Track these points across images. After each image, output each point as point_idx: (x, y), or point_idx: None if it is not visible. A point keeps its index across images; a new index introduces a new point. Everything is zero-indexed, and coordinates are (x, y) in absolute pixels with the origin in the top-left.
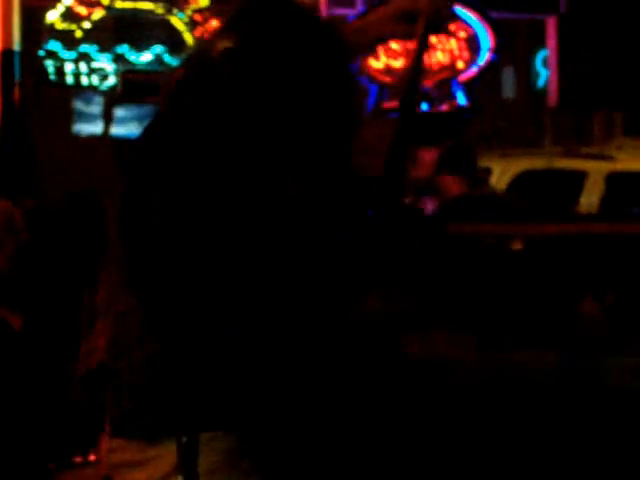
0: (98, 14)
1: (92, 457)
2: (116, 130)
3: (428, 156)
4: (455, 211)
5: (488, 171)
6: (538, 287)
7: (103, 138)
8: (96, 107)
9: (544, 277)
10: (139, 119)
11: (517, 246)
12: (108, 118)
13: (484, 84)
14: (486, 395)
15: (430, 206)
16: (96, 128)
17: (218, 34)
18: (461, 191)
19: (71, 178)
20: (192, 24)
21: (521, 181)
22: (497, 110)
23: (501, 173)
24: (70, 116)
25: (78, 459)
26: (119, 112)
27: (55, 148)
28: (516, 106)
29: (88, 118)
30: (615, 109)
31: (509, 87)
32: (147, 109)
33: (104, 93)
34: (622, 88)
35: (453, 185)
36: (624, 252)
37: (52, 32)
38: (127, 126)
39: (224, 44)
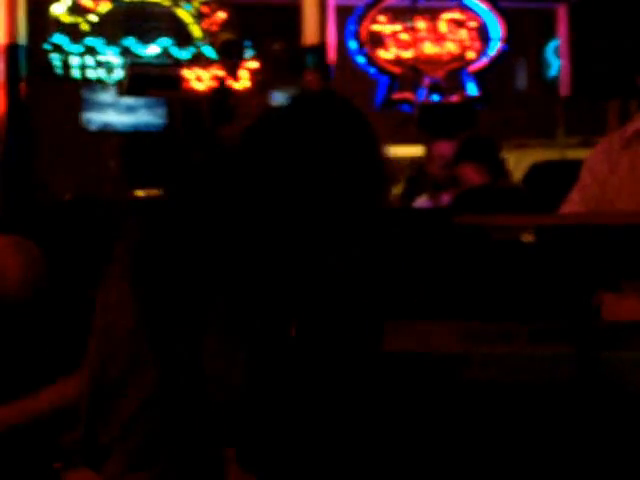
0: (104, 7)
1: None
2: (125, 121)
3: (441, 149)
4: (468, 203)
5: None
6: (551, 279)
7: (111, 132)
8: (104, 100)
9: (557, 269)
10: (147, 109)
11: (528, 238)
12: (116, 111)
13: (495, 74)
14: (501, 389)
15: (447, 201)
16: (104, 122)
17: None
18: (482, 181)
19: (79, 173)
20: (199, 16)
21: (535, 172)
22: (509, 101)
23: (514, 164)
24: (77, 110)
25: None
26: (127, 103)
27: (62, 142)
28: (528, 96)
29: (96, 112)
30: (630, 98)
31: (521, 77)
32: (155, 100)
33: (111, 86)
34: (637, 76)
35: (474, 175)
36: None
37: (58, 25)
38: (136, 116)
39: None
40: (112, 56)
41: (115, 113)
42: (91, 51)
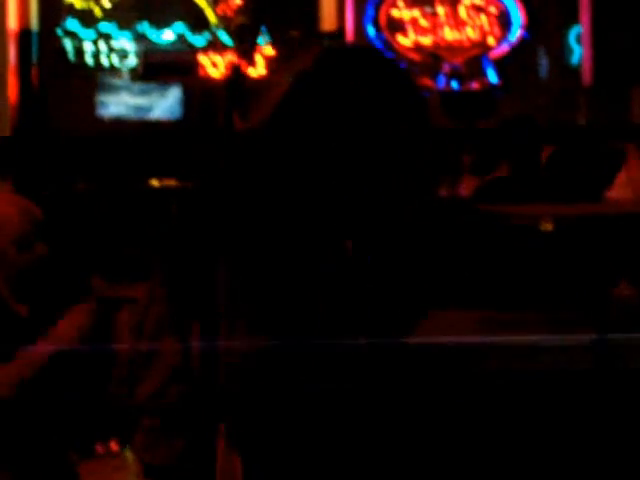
0: None
1: (114, 447)
2: (140, 108)
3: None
4: (490, 192)
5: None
6: (571, 270)
7: (126, 119)
8: (118, 86)
9: (577, 260)
10: (162, 95)
11: (547, 227)
12: (131, 98)
13: (516, 61)
14: (519, 380)
15: (467, 186)
16: (119, 110)
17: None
18: (506, 167)
19: (93, 161)
20: (214, 1)
21: (556, 161)
22: (530, 88)
23: None
24: (91, 97)
25: (100, 449)
26: (142, 89)
27: (76, 130)
28: (549, 84)
29: (110, 99)
30: None
31: (542, 64)
32: (169, 87)
33: (125, 72)
34: None
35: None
36: None
37: (71, 11)
38: (151, 103)
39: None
40: (126, 42)
41: (130, 100)
42: (105, 37)
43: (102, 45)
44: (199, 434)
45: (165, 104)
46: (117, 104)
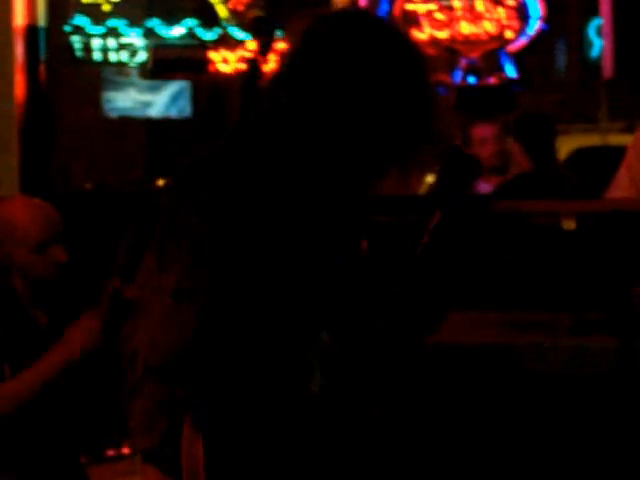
0: None
1: (125, 450)
2: (148, 105)
3: (482, 132)
4: (511, 191)
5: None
6: (592, 269)
7: (134, 118)
8: (126, 84)
9: (598, 258)
10: (171, 93)
11: (570, 225)
12: (138, 95)
13: (534, 55)
14: (541, 382)
15: (486, 187)
16: (126, 106)
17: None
18: (527, 164)
19: (100, 161)
20: None
21: (576, 158)
22: (549, 82)
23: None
24: (99, 95)
25: (111, 452)
26: (150, 85)
27: (83, 129)
28: (568, 79)
29: (118, 96)
30: None
31: (561, 58)
32: (179, 85)
33: (134, 69)
34: None
35: (520, 156)
36: None
37: (79, 6)
38: (159, 100)
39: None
40: (135, 38)
41: (138, 96)
42: (113, 33)
43: (110, 41)
44: (178, 417)
45: (174, 100)
46: (125, 100)
